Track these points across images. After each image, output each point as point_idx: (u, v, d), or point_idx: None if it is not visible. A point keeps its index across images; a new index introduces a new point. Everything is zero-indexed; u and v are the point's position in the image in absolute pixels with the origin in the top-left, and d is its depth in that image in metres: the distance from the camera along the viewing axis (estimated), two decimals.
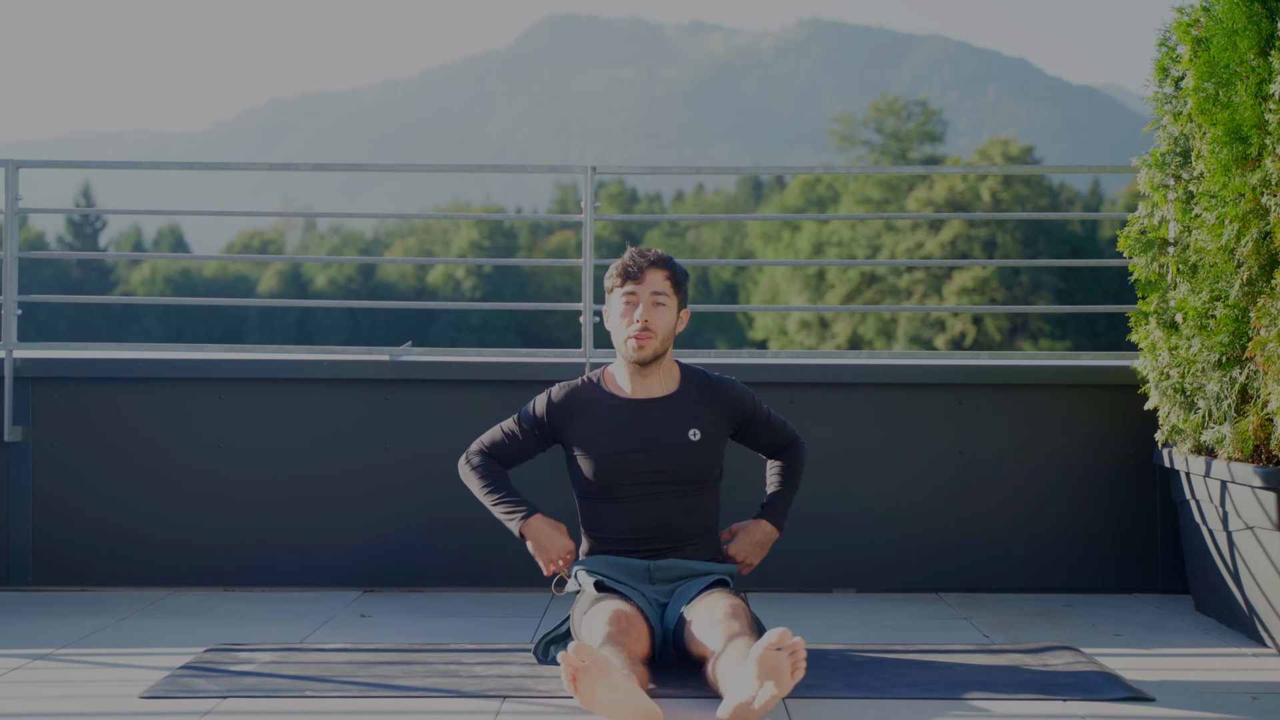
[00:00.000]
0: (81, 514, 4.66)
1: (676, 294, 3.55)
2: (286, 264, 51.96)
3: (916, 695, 3.11)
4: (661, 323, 3.50)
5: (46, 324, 42.19)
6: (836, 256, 41.94)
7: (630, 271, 3.51)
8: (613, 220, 5.00)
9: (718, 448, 3.60)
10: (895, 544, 4.65)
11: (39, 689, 3.20)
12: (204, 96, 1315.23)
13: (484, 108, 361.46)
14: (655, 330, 3.49)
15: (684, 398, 3.59)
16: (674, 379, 3.62)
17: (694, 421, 3.56)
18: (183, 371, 4.72)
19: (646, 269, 3.51)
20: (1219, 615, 4.05)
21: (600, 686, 2.77)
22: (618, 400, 3.58)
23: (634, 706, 2.75)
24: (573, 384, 3.66)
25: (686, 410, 3.57)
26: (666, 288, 3.52)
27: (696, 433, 3.55)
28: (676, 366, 3.66)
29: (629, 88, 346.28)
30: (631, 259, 3.53)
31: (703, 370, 3.69)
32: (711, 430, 3.58)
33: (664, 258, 3.54)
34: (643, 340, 3.49)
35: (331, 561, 4.65)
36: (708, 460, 3.56)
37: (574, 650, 2.77)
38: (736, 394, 3.66)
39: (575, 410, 3.59)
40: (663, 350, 3.54)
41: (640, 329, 3.48)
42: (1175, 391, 4.09)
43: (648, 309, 3.49)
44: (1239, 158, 3.70)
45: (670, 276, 3.53)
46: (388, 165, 4.97)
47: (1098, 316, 32.59)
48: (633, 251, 3.55)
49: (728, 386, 3.65)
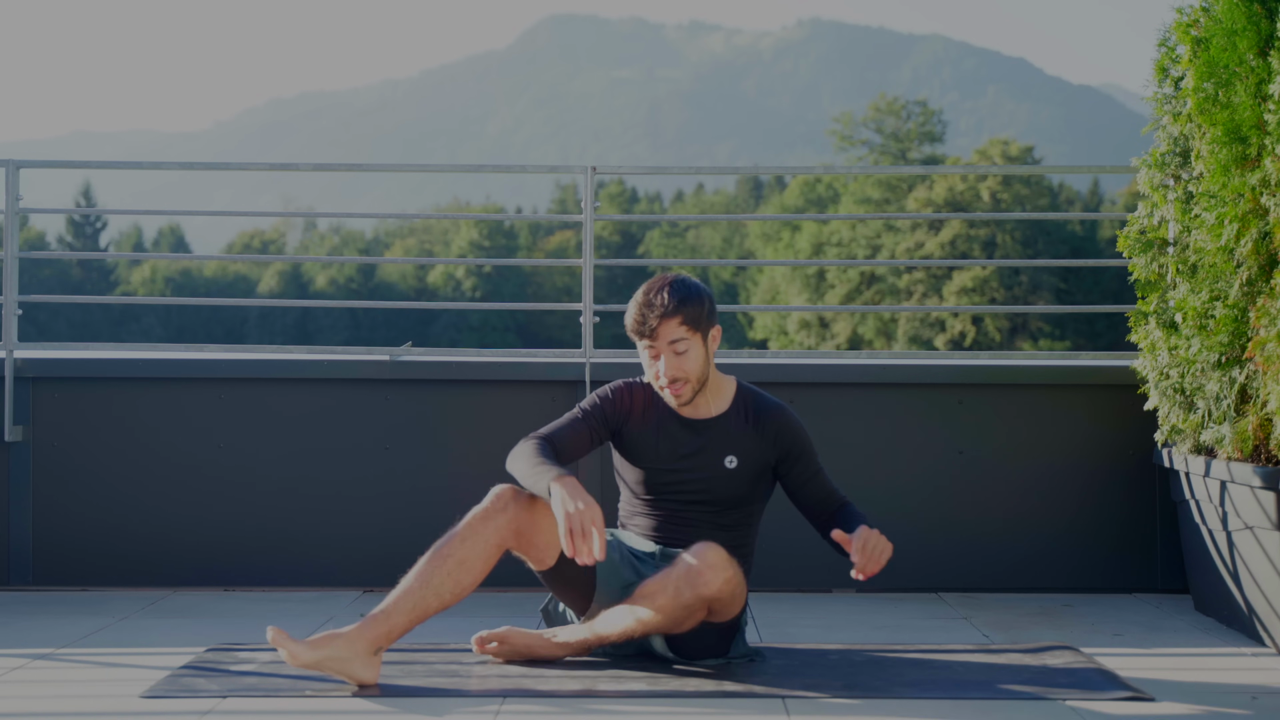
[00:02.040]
0: (81, 514, 4.66)
1: (697, 331, 3.35)
2: (287, 264, 51.95)
3: (916, 695, 3.11)
4: (689, 368, 3.35)
5: (47, 324, 42.19)
6: (836, 256, 41.93)
7: (642, 331, 3.35)
8: (613, 220, 5.01)
9: (757, 477, 3.44)
10: (895, 544, 4.63)
11: (39, 689, 3.20)
12: (204, 96, 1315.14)
13: (484, 108, 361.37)
14: (684, 377, 3.35)
15: (730, 421, 3.44)
16: (725, 398, 3.47)
17: (734, 449, 3.41)
18: (183, 371, 4.72)
19: (659, 326, 3.33)
20: (1219, 615, 4.05)
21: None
22: (666, 413, 3.46)
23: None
24: (634, 385, 3.51)
25: (729, 436, 3.42)
26: (682, 333, 3.33)
27: (734, 460, 3.41)
28: (729, 384, 3.49)
29: (629, 88, 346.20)
30: (641, 315, 3.34)
31: (758, 394, 3.50)
32: (751, 459, 3.42)
33: (673, 305, 3.32)
34: (676, 391, 3.37)
35: (331, 561, 4.66)
36: (744, 488, 3.43)
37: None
38: (783, 424, 3.44)
39: (632, 410, 3.47)
40: (699, 387, 3.39)
41: (669, 382, 3.37)
42: (1175, 391, 4.10)
43: (670, 362, 3.34)
44: (1238, 158, 3.70)
45: (684, 321, 3.33)
46: (388, 165, 4.97)
47: (1097, 316, 32.59)
48: (641, 304, 3.35)
49: (774, 415, 3.45)
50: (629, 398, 3.49)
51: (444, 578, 3.20)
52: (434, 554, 3.22)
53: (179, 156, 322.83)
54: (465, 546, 3.22)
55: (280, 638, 3.07)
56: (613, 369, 4.67)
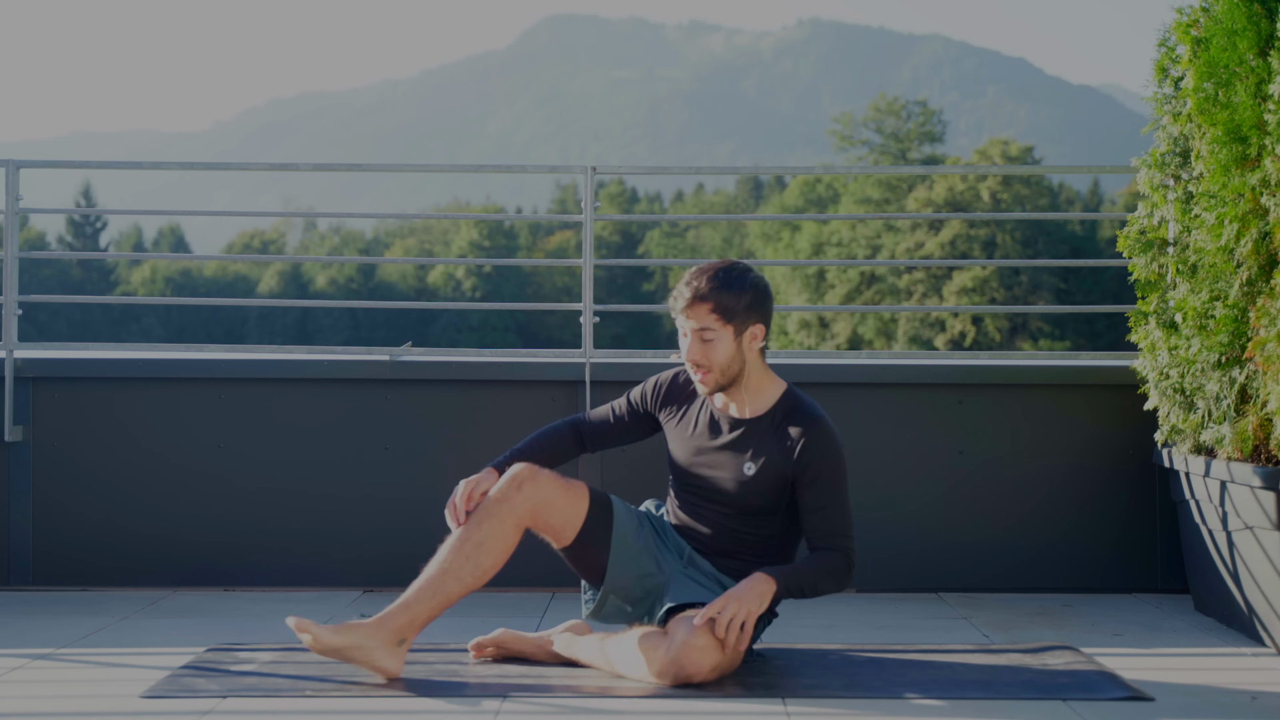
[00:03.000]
0: (81, 514, 4.66)
1: (729, 324, 3.24)
2: (287, 264, 51.96)
3: (916, 695, 3.11)
4: (714, 357, 3.25)
5: (47, 324, 42.21)
6: (836, 256, 41.94)
7: (674, 307, 3.28)
8: (613, 220, 5.01)
9: (778, 488, 3.30)
10: (895, 544, 4.65)
11: (39, 689, 3.20)
12: (204, 96, 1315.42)
13: (484, 108, 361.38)
14: (707, 365, 3.26)
15: (761, 427, 3.32)
16: (765, 402, 3.34)
17: (756, 455, 3.29)
18: (183, 371, 4.72)
19: (686, 308, 3.25)
20: (1219, 615, 4.05)
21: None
22: (705, 408, 3.41)
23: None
24: (680, 377, 3.47)
25: (755, 441, 3.31)
26: (711, 321, 3.23)
27: (752, 467, 3.29)
28: (776, 387, 3.36)
29: (629, 88, 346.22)
30: (678, 291, 3.29)
31: (802, 403, 3.33)
32: (771, 468, 3.28)
33: (708, 290, 3.24)
34: (699, 374, 3.31)
35: (331, 561, 4.66)
36: (760, 499, 3.30)
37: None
38: (809, 441, 3.26)
39: (675, 401, 3.45)
40: (726, 381, 3.29)
41: (693, 365, 3.31)
42: (1175, 391, 4.10)
43: (694, 346, 3.26)
44: (1238, 158, 3.70)
45: (715, 309, 3.23)
46: (388, 165, 4.97)
47: (1097, 316, 32.59)
48: (683, 281, 3.29)
49: (805, 427, 3.28)
50: (677, 389, 3.47)
51: (463, 561, 3.19)
52: (453, 539, 3.23)
53: (179, 156, 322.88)
54: (483, 529, 3.21)
55: (304, 623, 3.10)
56: (613, 369, 4.67)
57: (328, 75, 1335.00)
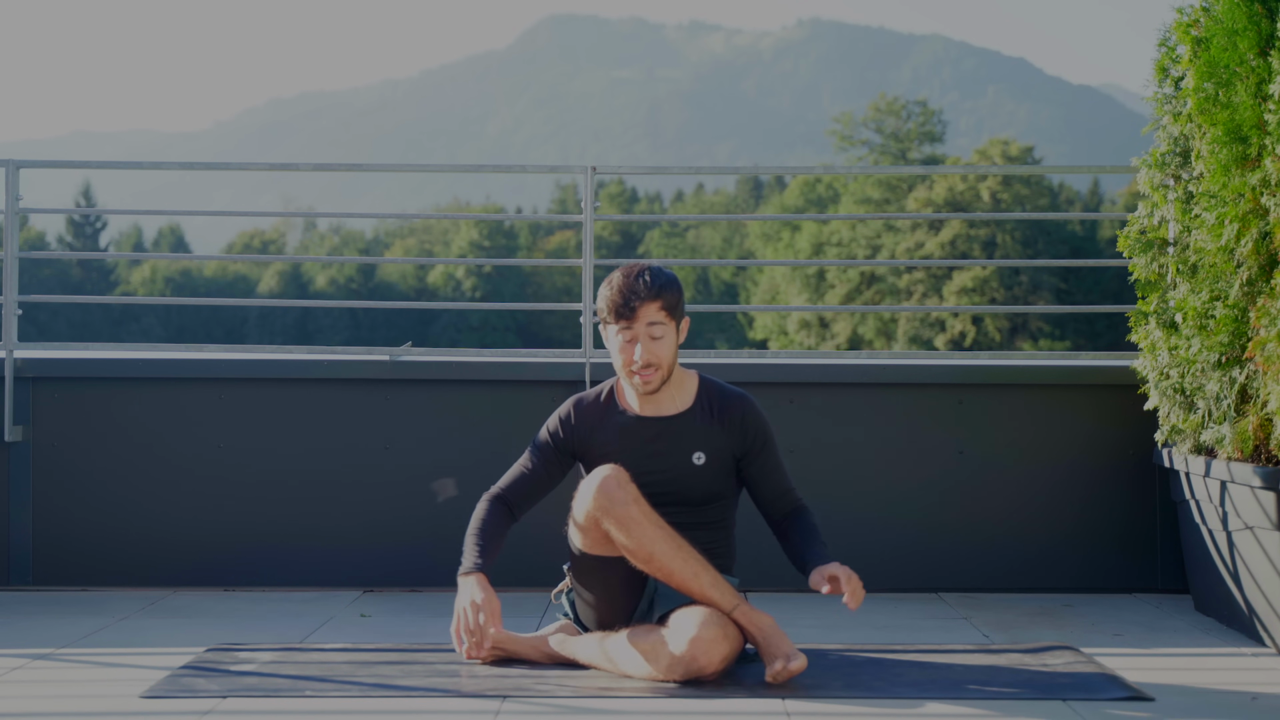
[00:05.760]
0: (81, 514, 4.66)
1: (673, 318, 3.35)
2: (287, 264, 51.97)
3: (916, 695, 3.11)
4: (663, 354, 3.33)
5: (46, 324, 42.21)
6: (836, 256, 41.95)
7: (622, 311, 3.32)
8: (613, 220, 5.01)
9: (727, 471, 3.43)
10: (895, 544, 4.65)
11: (39, 689, 3.20)
12: (204, 96, 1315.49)
13: (484, 108, 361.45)
14: (658, 363, 3.33)
15: (694, 417, 3.41)
16: (688, 394, 3.45)
17: (701, 444, 3.39)
18: (183, 371, 4.72)
19: (639, 307, 3.31)
20: (1219, 615, 4.05)
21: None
22: (627, 418, 3.44)
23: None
24: (583, 401, 3.51)
25: (695, 431, 3.40)
26: (661, 317, 3.32)
27: (702, 456, 3.39)
28: (691, 379, 3.48)
29: (629, 88, 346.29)
30: (622, 296, 3.31)
31: (720, 386, 3.48)
32: (719, 453, 3.40)
33: (655, 287, 3.32)
34: (647, 377, 3.34)
35: (331, 561, 4.65)
36: (715, 484, 3.41)
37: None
38: (748, 417, 3.43)
39: (589, 428, 3.46)
40: (668, 376, 3.38)
41: (642, 367, 3.33)
42: (1175, 391, 4.10)
43: (646, 346, 3.32)
44: (1239, 158, 3.70)
45: (664, 305, 3.32)
46: (388, 165, 4.97)
47: (1097, 316, 32.59)
48: (621, 285, 3.33)
49: (739, 407, 3.43)
50: (582, 414, 3.48)
51: (675, 546, 3.22)
52: (662, 545, 3.20)
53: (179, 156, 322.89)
54: (647, 522, 3.22)
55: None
56: (612, 369, 4.66)
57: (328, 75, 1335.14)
